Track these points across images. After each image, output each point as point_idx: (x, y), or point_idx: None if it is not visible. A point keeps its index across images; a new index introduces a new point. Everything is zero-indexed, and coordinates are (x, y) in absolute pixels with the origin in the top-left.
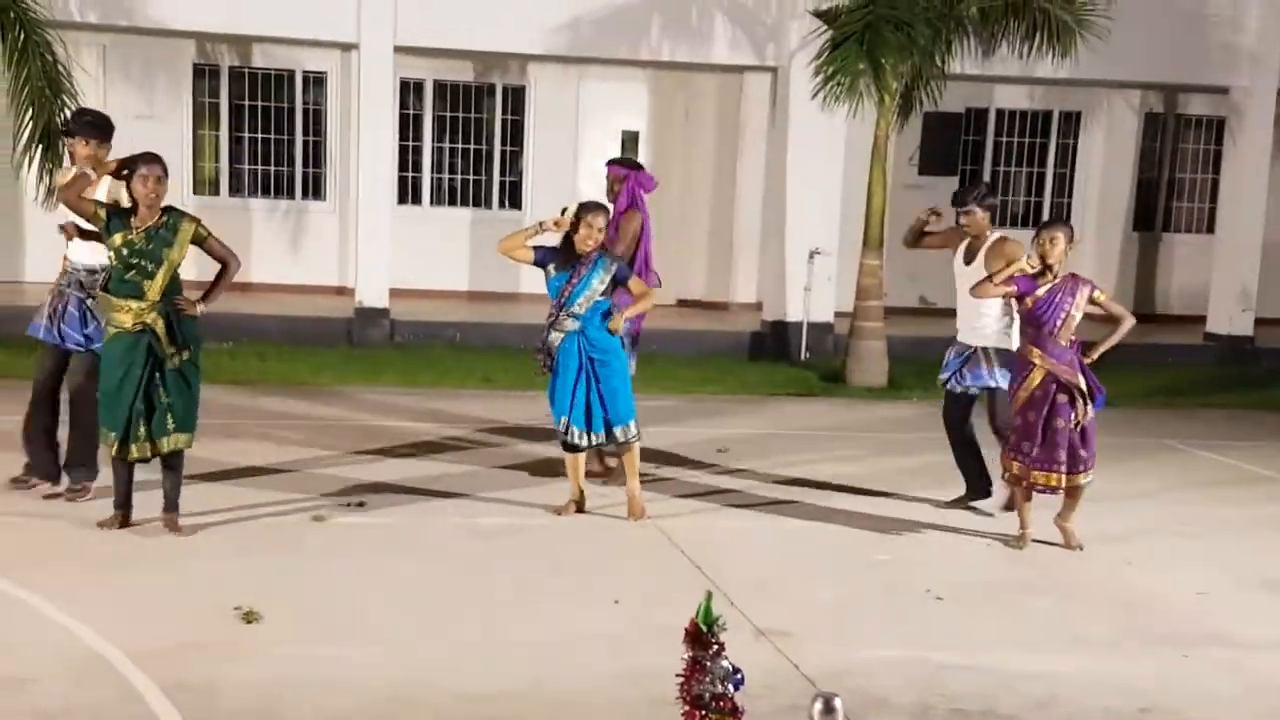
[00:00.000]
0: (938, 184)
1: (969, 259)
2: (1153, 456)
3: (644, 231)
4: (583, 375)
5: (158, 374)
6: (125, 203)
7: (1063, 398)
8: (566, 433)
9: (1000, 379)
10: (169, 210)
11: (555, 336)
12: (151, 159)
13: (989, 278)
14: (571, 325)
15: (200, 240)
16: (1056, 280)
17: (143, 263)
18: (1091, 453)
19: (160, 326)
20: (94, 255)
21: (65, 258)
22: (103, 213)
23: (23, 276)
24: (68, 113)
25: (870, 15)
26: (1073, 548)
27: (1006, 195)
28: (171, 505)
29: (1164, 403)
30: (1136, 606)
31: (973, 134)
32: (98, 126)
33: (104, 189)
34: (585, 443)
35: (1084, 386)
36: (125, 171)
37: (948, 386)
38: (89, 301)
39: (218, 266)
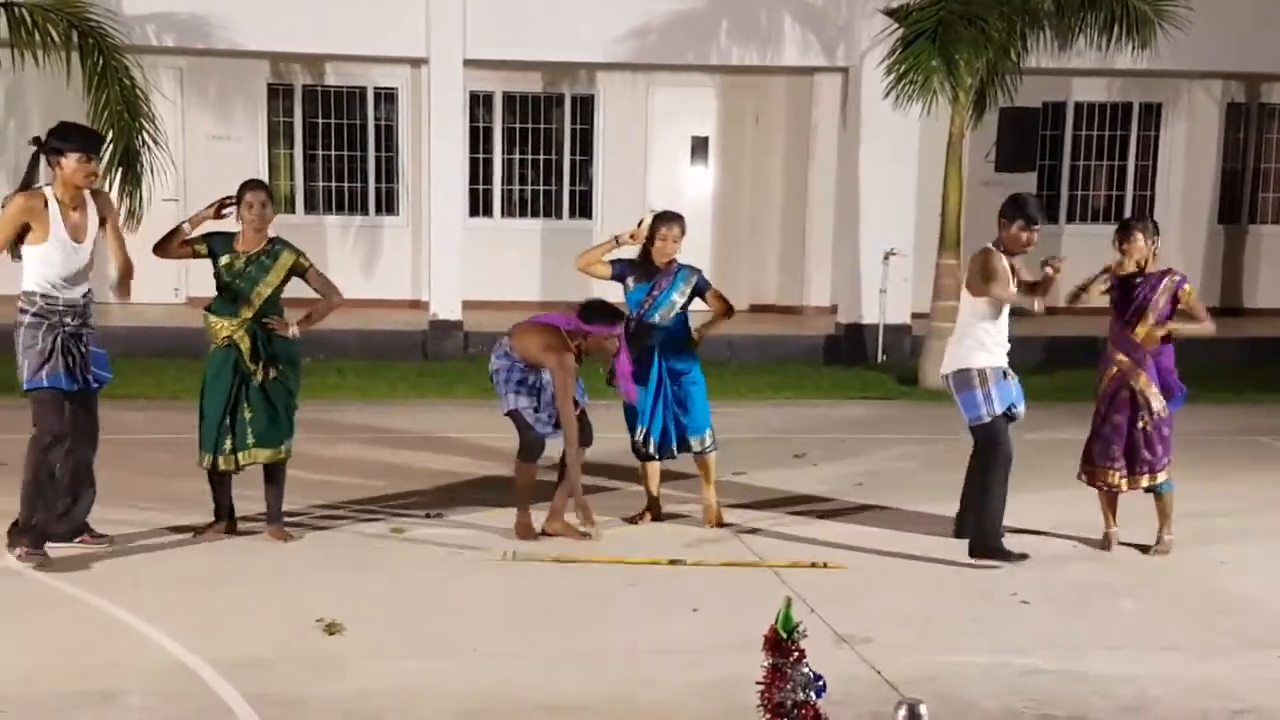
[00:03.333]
0: (1015, 181)
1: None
2: (1244, 453)
3: None
4: (661, 388)
5: (245, 389)
6: (109, 227)
7: (1125, 394)
8: (644, 443)
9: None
10: (275, 240)
11: (633, 348)
12: (256, 185)
13: (1085, 289)
14: (648, 337)
15: (301, 272)
16: (1144, 276)
17: (239, 284)
18: (1158, 455)
19: (245, 344)
20: (82, 288)
21: (43, 296)
22: (202, 248)
23: (108, 299)
24: (145, 136)
25: (943, 11)
26: (1149, 551)
27: (1087, 190)
28: (275, 516)
29: (1254, 399)
30: (1230, 608)
31: (1050, 128)
32: (96, 138)
33: (93, 211)
34: (660, 455)
35: (1149, 390)
36: (226, 211)
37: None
38: (94, 335)
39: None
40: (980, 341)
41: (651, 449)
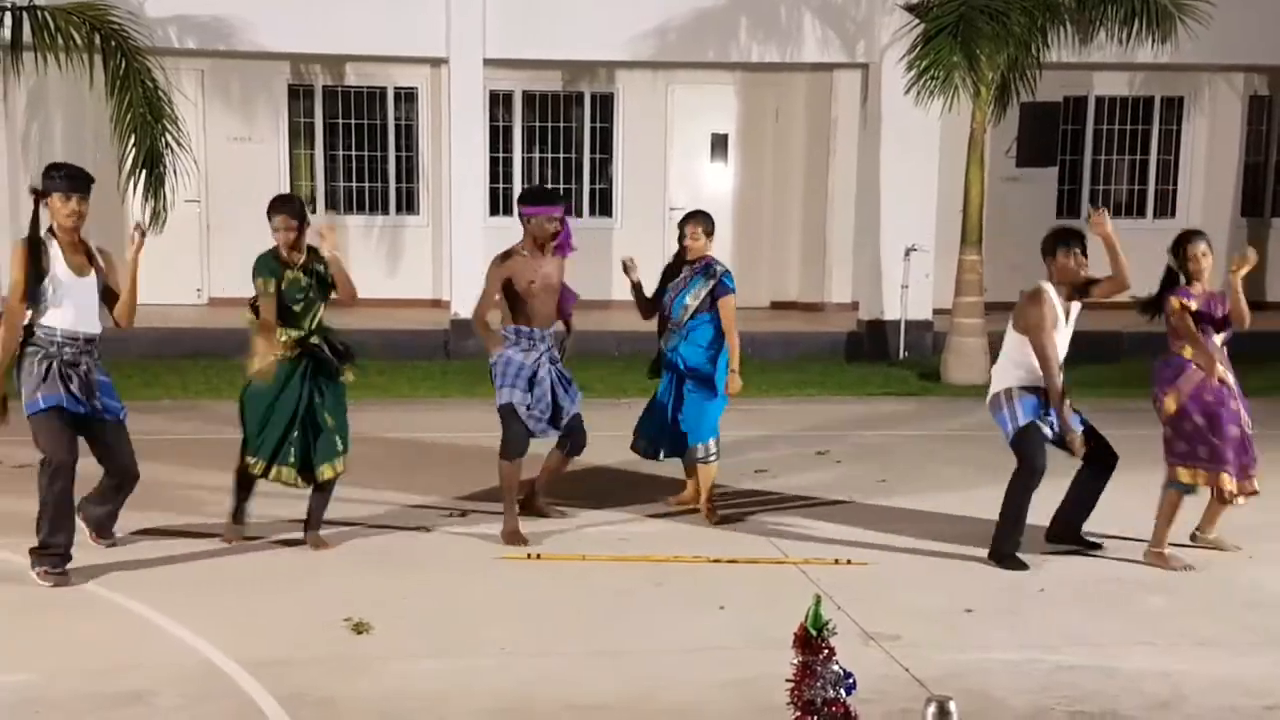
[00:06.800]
0: (1037, 176)
1: (1068, 309)
2: (1267, 448)
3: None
4: (669, 392)
5: (316, 398)
6: (115, 281)
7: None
8: (636, 437)
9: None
10: (312, 249)
11: (661, 347)
12: (275, 208)
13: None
14: (673, 339)
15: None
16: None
17: (310, 295)
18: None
19: (325, 348)
20: (86, 322)
21: (40, 327)
22: (270, 286)
23: None
24: (169, 138)
25: (964, 6)
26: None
27: (1109, 184)
28: (317, 524)
29: (1278, 393)
30: (1260, 603)
31: (1072, 123)
32: (79, 178)
33: (96, 256)
34: (647, 456)
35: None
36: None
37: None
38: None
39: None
40: (1016, 364)
41: (641, 450)
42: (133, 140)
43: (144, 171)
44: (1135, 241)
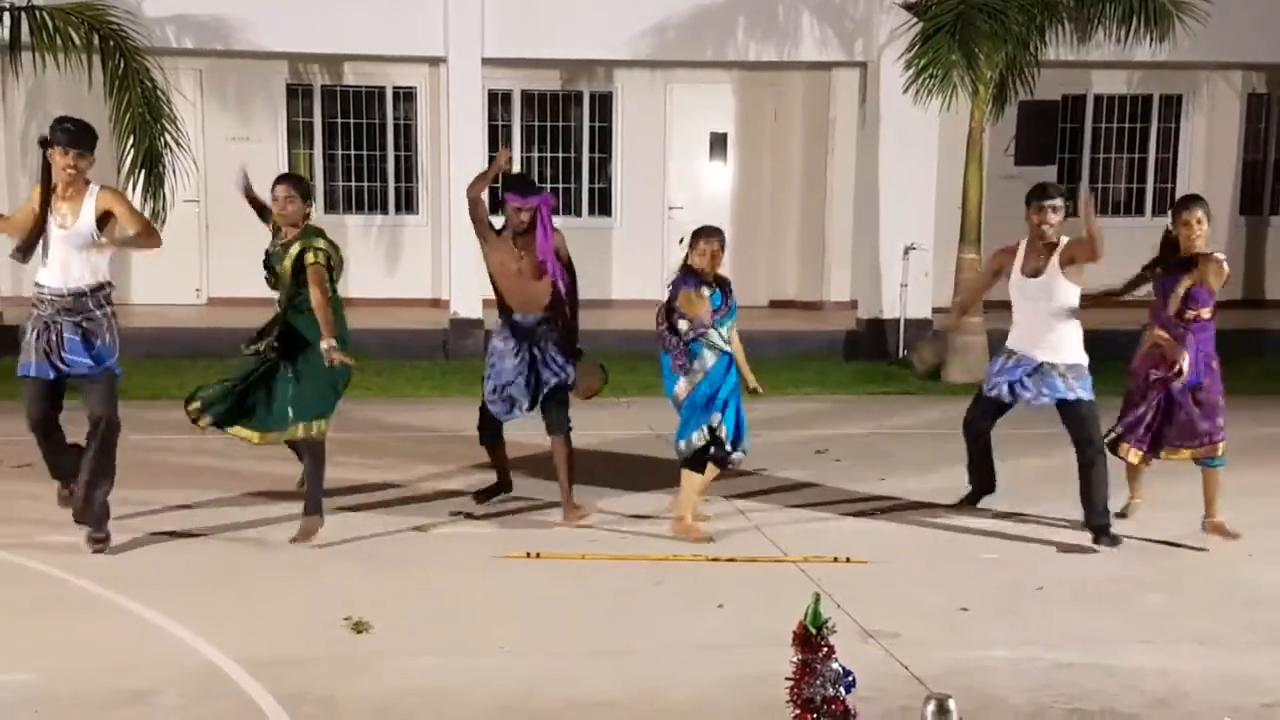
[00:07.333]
0: (1035, 174)
1: (1035, 270)
2: (1267, 446)
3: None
4: (735, 391)
5: (282, 366)
6: (119, 215)
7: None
8: (716, 429)
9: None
10: (306, 230)
11: (709, 355)
12: (278, 180)
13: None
14: (726, 346)
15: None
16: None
17: (267, 273)
18: (1200, 430)
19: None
20: (72, 277)
21: (41, 285)
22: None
23: (129, 300)
24: (168, 138)
25: (962, 4)
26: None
27: (1107, 182)
28: (308, 505)
29: (1276, 391)
30: (1260, 601)
31: (1070, 121)
32: (78, 133)
33: (90, 203)
34: (734, 451)
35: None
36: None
37: (994, 394)
38: (86, 323)
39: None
40: None
41: (724, 436)
42: (131, 140)
43: (143, 171)
44: (1134, 239)
